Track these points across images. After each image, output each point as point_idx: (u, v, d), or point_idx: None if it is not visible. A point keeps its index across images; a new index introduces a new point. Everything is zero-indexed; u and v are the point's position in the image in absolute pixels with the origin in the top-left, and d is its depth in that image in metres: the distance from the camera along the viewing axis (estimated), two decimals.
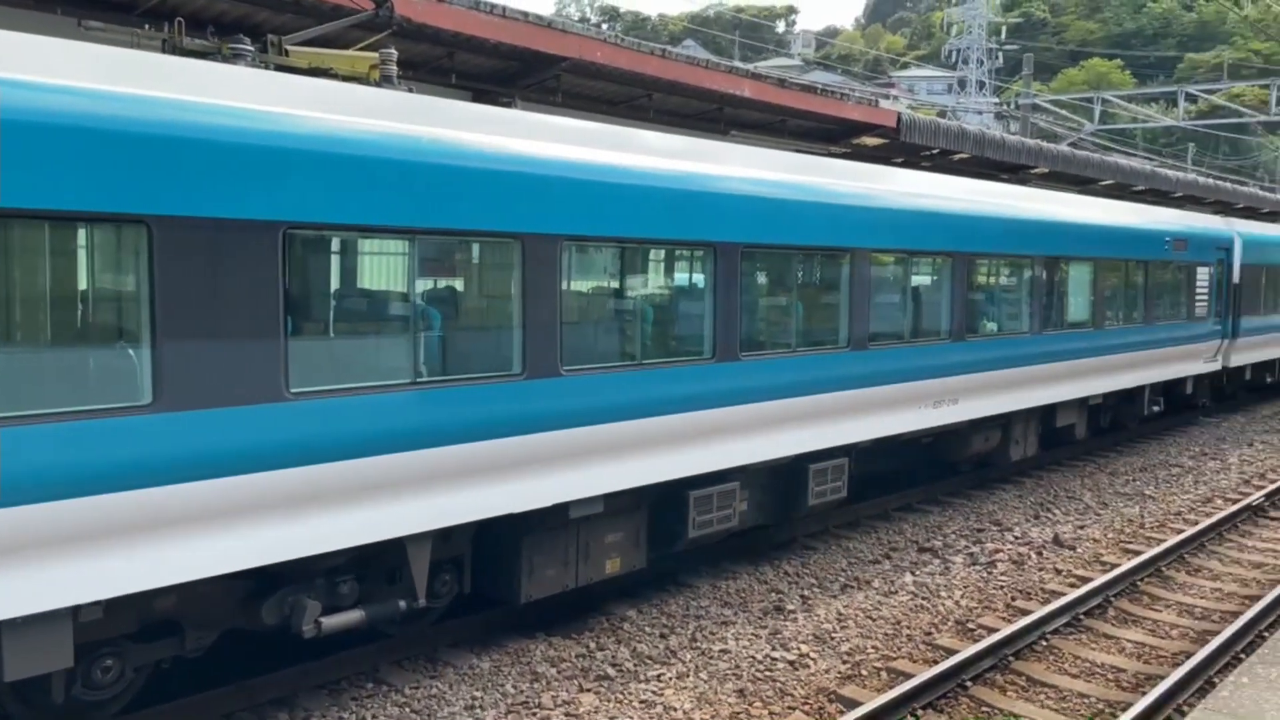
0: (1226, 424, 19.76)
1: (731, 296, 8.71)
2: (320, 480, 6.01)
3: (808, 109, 14.83)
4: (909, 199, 11.01)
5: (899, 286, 11.32)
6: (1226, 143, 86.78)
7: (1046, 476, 14.71)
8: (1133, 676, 7.68)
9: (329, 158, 5.98)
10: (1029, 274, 13.15)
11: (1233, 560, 10.87)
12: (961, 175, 15.48)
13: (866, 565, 10.29)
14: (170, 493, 5.42)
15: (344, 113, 6.19)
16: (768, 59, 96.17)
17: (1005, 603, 9.29)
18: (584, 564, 8.08)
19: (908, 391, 10.99)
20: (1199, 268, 17.63)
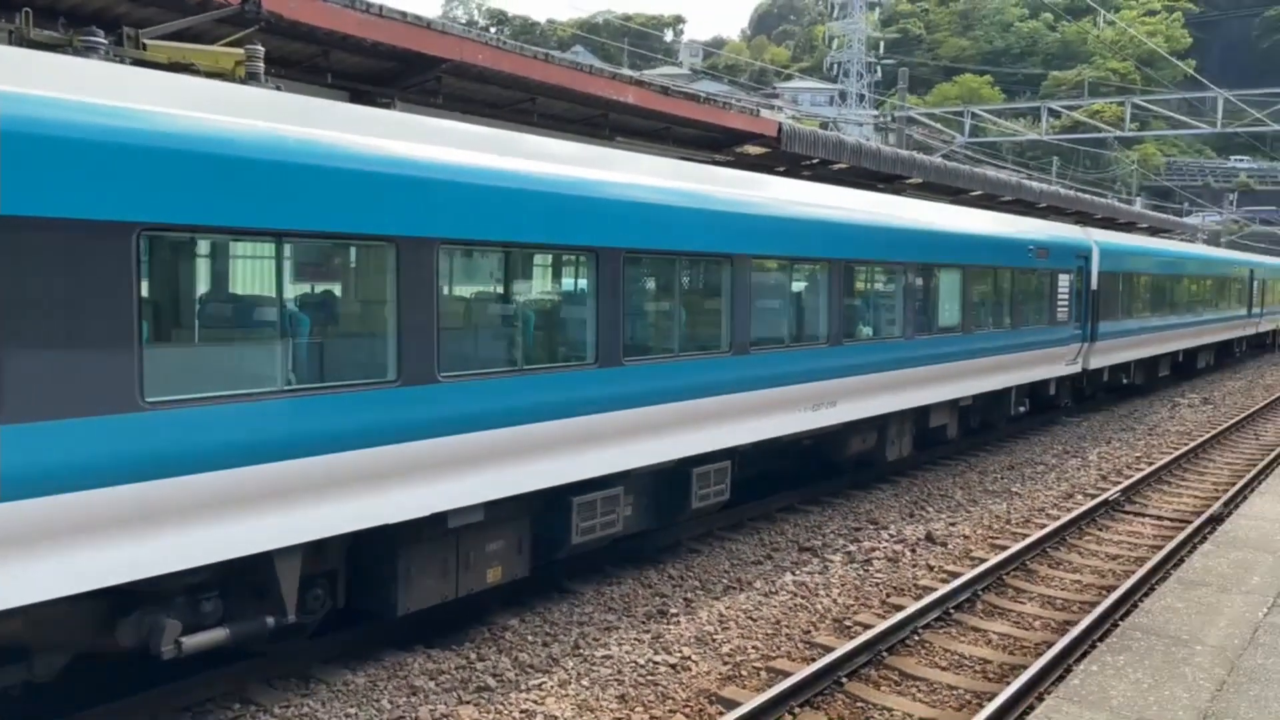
0: (1087, 423, 20.82)
1: (614, 302, 8.71)
2: (179, 494, 5.74)
3: (691, 117, 14.99)
4: (789, 207, 11.24)
5: (779, 292, 11.56)
6: (1087, 156, 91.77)
7: (921, 476, 15.21)
8: (998, 667, 7.99)
9: (186, 156, 5.72)
10: (903, 280, 13.59)
11: (1091, 553, 11.45)
12: (840, 184, 15.92)
13: (749, 566, 10.44)
14: (12, 509, 5.09)
15: (204, 110, 5.94)
16: (656, 67, 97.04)
17: (881, 599, 9.56)
18: (464, 574, 7.94)
19: (788, 395, 11.20)
20: (1060, 274, 18.55)
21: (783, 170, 18.37)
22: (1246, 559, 8.60)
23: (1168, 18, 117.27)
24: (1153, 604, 7.31)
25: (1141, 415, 22.15)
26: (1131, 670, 5.96)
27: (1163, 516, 13.11)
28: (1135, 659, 6.15)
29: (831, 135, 18.90)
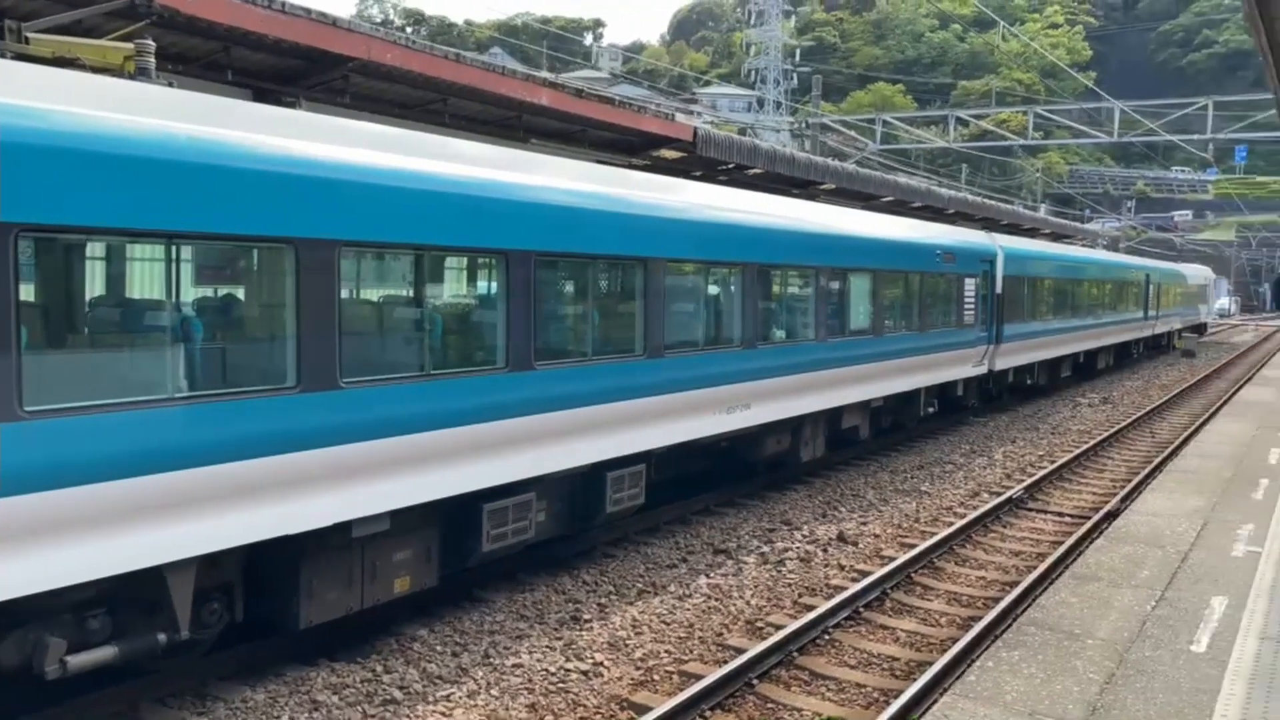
0: (993, 423, 21.41)
1: (525, 305, 8.62)
2: (60, 506, 5.46)
3: (607, 120, 14.95)
4: (704, 211, 11.30)
5: (694, 295, 11.60)
6: (995, 164, 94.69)
7: (834, 476, 15.44)
8: (905, 665, 8.13)
9: (67, 154, 5.46)
10: (816, 284, 13.77)
11: (995, 549, 11.75)
12: (756, 190, 16.07)
13: (663, 570, 10.44)
14: None
15: (87, 106, 5.68)
16: (575, 70, 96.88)
17: (793, 600, 9.65)
18: (370, 584, 7.75)
19: (703, 398, 11.25)
20: (966, 278, 19.05)
21: (699, 175, 18.46)
22: (1137, 554, 8.93)
23: (1070, 31, 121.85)
24: (1048, 599, 7.53)
25: (1045, 415, 22.86)
26: (1026, 665, 6.11)
27: (1063, 513, 13.53)
28: (1030, 654, 6.32)
29: (746, 141, 19.10)
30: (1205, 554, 8.87)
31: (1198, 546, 9.10)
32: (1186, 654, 6.34)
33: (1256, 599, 7.44)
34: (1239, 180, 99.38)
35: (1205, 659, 6.26)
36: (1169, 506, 10.85)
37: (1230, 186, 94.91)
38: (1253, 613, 7.14)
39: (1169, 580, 8.02)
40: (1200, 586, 7.85)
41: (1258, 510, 10.53)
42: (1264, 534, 9.48)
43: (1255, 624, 6.88)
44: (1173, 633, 6.75)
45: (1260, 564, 8.46)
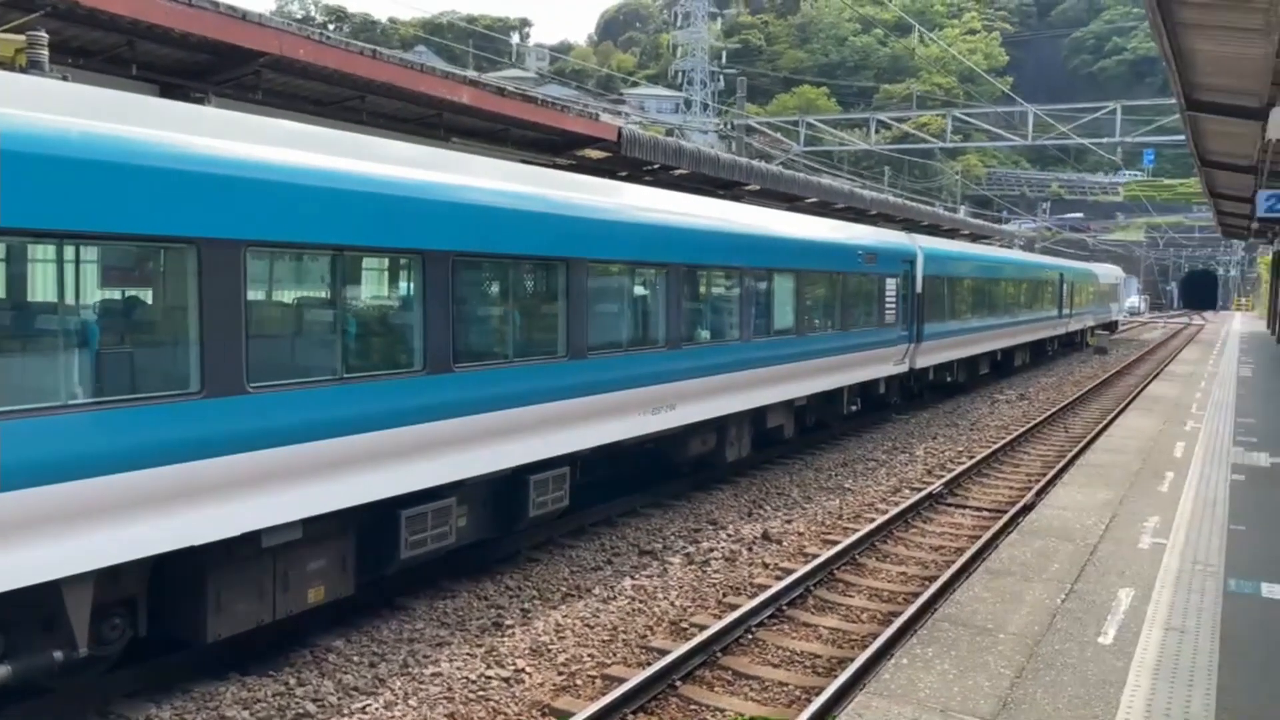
0: (914, 420, 21.81)
1: (443, 306, 8.47)
2: None
3: (530, 119, 14.79)
4: (627, 211, 11.25)
5: (618, 296, 11.56)
6: (916, 166, 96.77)
7: (759, 475, 15.54)
8: (827, 661, 8.19)
9: None
10: (740, 284, 13.84)
11: (915, 544, 11.94)
12: (681, 190, 16.09)
13: (588, 573, 10.36)
14: None
15: None
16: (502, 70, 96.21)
17: (717, 599, 9.65)
18: (282, 595, 7.52)
19: (627, 399, 11.20)
20: (888, 278, 19.36)
21: (624, 175, 18.42)
22: (1048, 548, 9.11)
23: (987, 37, 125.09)
24: (963, 595, 7.64)
25: (964, 411, 23.36)
26: (939, 661, 6.19)
27: (981, 508, 13.82)
28: (943, 650, 6.40)
29: (671, 141, 19.11)
30: (1113, 546, 9.10)
31: (1106, 539, 9.34)
32: (1094, 646, 6.47)
33: (1161, 590, 7.65)
34: (1147, 183, 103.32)
35: (1112, 651, 6.40)
36: (1080, 500, 11.14)
37: (1139, 189, 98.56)
38: (1157, 603, 7.33)
39: (1078, 573, 8.20)
40: (1108, 579, 8.04)
41: (1163, 503, 10.86)
42: (1169, 526, 9.76)
43: (1160, 615, 7.05)
44: (1081, 625, 6.89)
45: (1165, 555, 8.71)
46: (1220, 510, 10.30)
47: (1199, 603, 7.34)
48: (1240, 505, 10.55)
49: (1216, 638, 6.58)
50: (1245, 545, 9.03)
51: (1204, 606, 7.23)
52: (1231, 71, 12.49)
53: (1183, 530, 9.55)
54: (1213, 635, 6.61)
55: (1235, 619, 7.02)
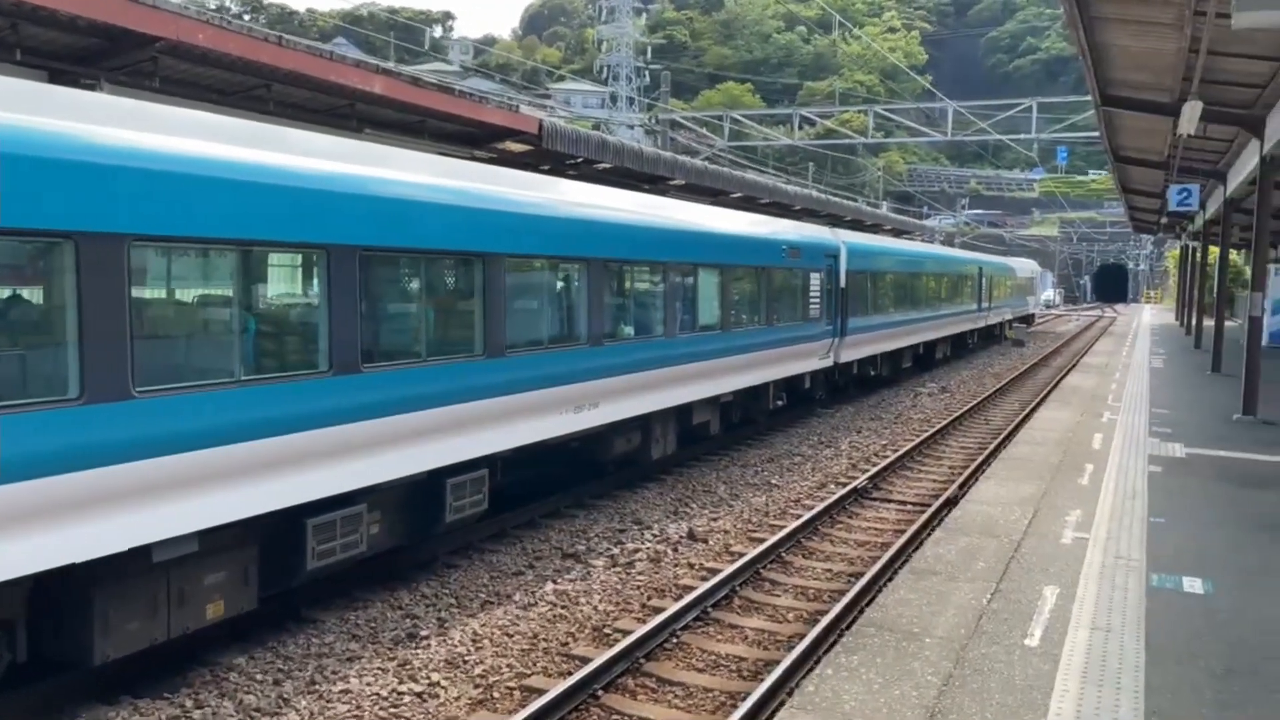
0: (839, 414, 21.91)
1: (350, 304, 8.06)
2: None
3: (448, 110, 14.37)
4: (546, 205, 10.94)
5: (537, 292, 11.23)
6: (840, 163, 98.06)
7: (686, 472, 15.37)
8: (753, 664, 8.02)
9: None
10: (664, 280, 13.63)
11: (841, 540, 11.88)
12: (607, 185, 15.84)
13: (509, 578, 10.04)
14: None
15: None
16: (425, 63, 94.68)
17: (642, 603, 9.42)
18: (177, 612, 7.06)
19: (548, 398, 10.90)
20: (812, 273, 19.37)
21: (548, 169, 18.10)
22: (973, 545, 9.07)
23: (907, 35, 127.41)
24: (887, 597, 7.52)
25: (888, 405, 23.57)
26: (864, 670, 6.02)
27: (906, 501, 13.86)
28: (868, 658, 6.23)
29: (595, 135, 18.81)
30: (1037, 542, 9.12)
31: (1030, 535, 9.36)
32: (1021, 649, 6.39)
33: (1086, 587, 7.64)
34: (1062, 179, 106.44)
35: (1039, 653, 6.32)
36: (1002, 494, 11.19)
37: (1054, 185, 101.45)
38: (1082, 601, 7.31)
39: (1003, 571, 8.17)
40: (1033, 576, 8.01)
41: (1084, 495, 10.96)
42: (1090, 520, 9.82)
43: (1085, 614, 7.02)
44: (1007, 627, 6.81)
45: (1088, 551, 8.74)
46: (1140, 503, 10.43)
47: (1123, 600, 7.34)
48: (1158, 497, 10.71)
49: (1142, 637, 6.55)
50: (1165, 538, 9.12)
51: (1128, 604, 7.23)
52: (1145, 67, 12.70)
53: (1104, 524, 9.62)
54: (1138, 634, 6.58)
55: (1159, 615, 7.02)
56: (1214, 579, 7.87)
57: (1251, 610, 7.15)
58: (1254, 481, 11.73)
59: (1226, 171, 21.82)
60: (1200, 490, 11.18)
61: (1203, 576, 7.93)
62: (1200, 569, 8.17)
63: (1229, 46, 11.22)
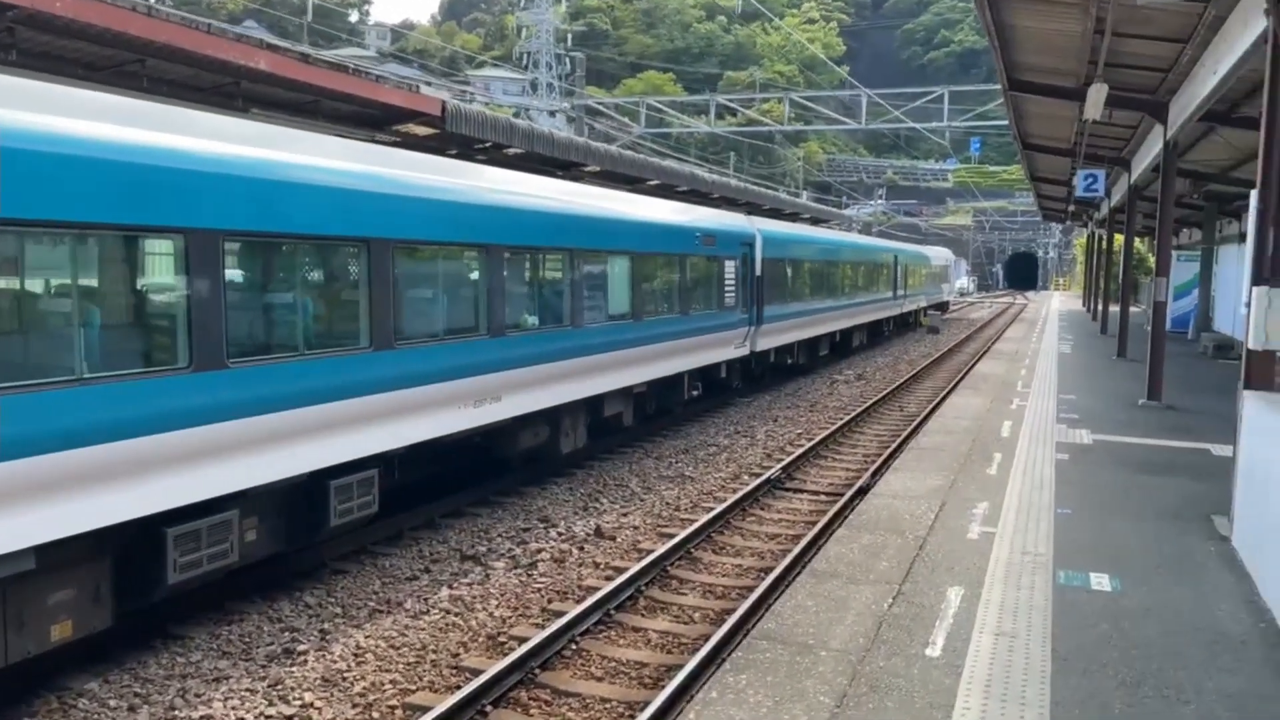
0: (756, 403, 21.71)
1: (213, 294, 7.41)
2: None
3: (342, 90, 13.63)
4: (442, 188, 10.36)
5: (431, 281, 10.65)
6: (761, 153, 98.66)
7: (598, 466, 14.93)
8: (654, 670, 7.63)
9: None
10: (571, 267, 13.14)
11: (753, 534, 11.58)
12: (520, 171, 15.28)
13: (402, 584, 9.48)
14: None
15: None
16: (340, 48, 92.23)
17: (542, 607, 8.96)
18: (16, 635, 6.37)
19: (445, 392, 10.35)
20: (727, 261, 19.09)
21: (455, 154, 17.44)
22: (877, 543, 8.75)
23: (825, 27, 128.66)
24: (784, 604, 7.10)
25: (805, 393, 23.48)
26: (753, 691, 5.55)
27: (819, 491, 13.65)
28: (758, 676, 5.78)
29: (502, 118, 18.18)
30: (942, 538, 8.79)
31: (936, 530, 9.14)
32: (922, 660, 6.02)
33: (991, 588, 7.36)
34: (975, 170, 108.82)
35: (940, 665, 5.97)
36: (910, 486, 10.99)
37: (967, 175, 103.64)
38: (987, 604, 7.01)
39: (906, 571, 7.86)
40: (937, 576, 7.72)
41: (992, 486, 10.80)
42: (998, 512, 9.63)
43: (990, 618, 6.72)
44: (908, 635, 6.46)
45: (994, 546, 8.42)
46: (1047, 493, 10.31)
47: (1029, 600, 7.07)
48: (1065, 487, 10.61)
49: (1048, 643, 6.26)
50: (1072, 530, 8.96)
51: (1034, 605, 6.96)
52: (1052, 49, 12.65)
53: (1011, 516, 9.44)
54: (1044, 640, 6.29)
55: (1066, 617, 6.76)
56: (1121, 575, 7.68)
57: (1159, 609, 6.95)
58: (1158, 468, 11.76)
59: (1131, 159, 22.20)
60: (1106, 479, 11.13)
61: (1110, 572, 7.72)
62: (1107, 564, 7.98)
63: (1132, 28, 11.19)
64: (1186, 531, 8.98)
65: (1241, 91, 13.14)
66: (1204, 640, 6.36)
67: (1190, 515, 9.53)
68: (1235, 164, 20.06)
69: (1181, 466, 11.76)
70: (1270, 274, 7.61)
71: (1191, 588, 7.42)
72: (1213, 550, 8.39)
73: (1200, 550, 8.40)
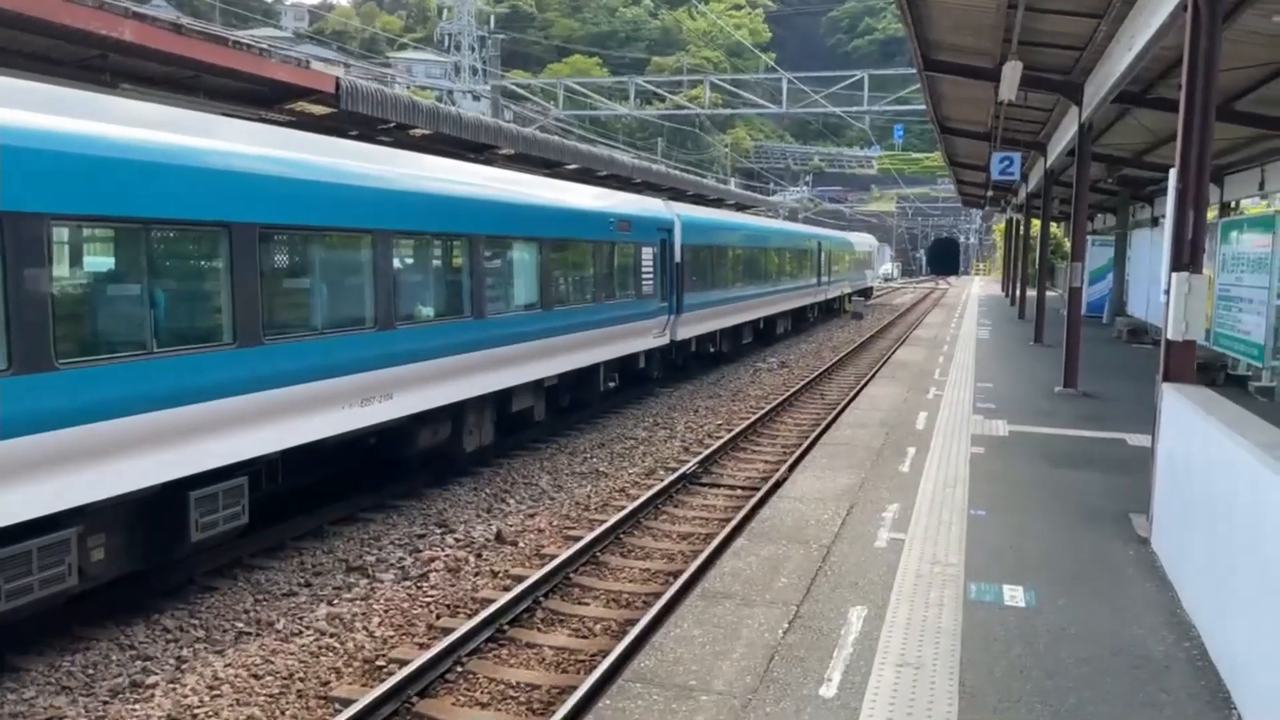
0: (678, 393, 21.18)
1: (36, 284, 6.54)
2: None
3: (222, 64, 12.64)
4: (318, 168, 9.53)
5: (307, 270, 9.80)
6: (690, 140, 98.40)
7: (507, 463, 14.23)
8: (546, 693, 7.00)
9: None
10: (471, 255, 12.38)
11: (663, 534, 11.03)
12: (433, 155, 14.43)
13: (277, 601, 8.69)
14: None
15: None
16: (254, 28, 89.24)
17: (429, 624, 8.26)
18: None
19: (323, 391, 9.55)
20: (644, 248, 18.49)
21: (357, 135, 16.51)
22: (778, 555, 8.02)
23: (751, 13, 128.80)
24: (666, 635, 6.41)
25: (727, 382, 23.05)
26: None
27: (735, 486, 13.16)
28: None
29: (404, 96, 17.23)
30: (848, 547, 8.16)
31: (842, 538, 8.42)
32: (814, 702, 5.30)
33: (896, 607, 6.72)
34: (898, 157, 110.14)
35: (834, 707, 5.25)
36: (819, 487, 10.39)
37: (890, 163, 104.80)
38: (891, 626, 6.36)
39: (807, 588, 7.18)
40: (839, 594, 7.05)
41: (904, 485, 10.28)
42: (909, 515, 9.03)
43: (893, 645, 6.06)
44: (802, 670, 5.74)
45: (903, 556, 7.86)
46: (960, 492, 9.84)
47: (937, 621, 6.45)
48: (980, 484, 10.17)
49: (956, 673, 5.65)
50: (986, 534, 8.41)
51: (943, 627, 6.35)
52: (966, 26, 12.28)
53: (922, 520, 8.91)
54: (951, 672, 5.65)
55: (977, 640, 6.14)
56: (1036, 586, 7.12)
57: (1077, 628, 6.39)
58: (1075, 460, 11.41)
59: (1047, 143, 22.18)
60: (1022, 474, 10.71)
61: (1025, 584, 7.16)
62: (1022, 573, 7.43)
63: (1047, 2, 10.85)
64: (1104, 533, 8.53)
65: (1156, 71, 12.97)
66: (1125, 666, 5.82)
67: (1108, 514, 9.13)
68: (1149, 147, 20.12)
69: (1098, 459, 11.46)
70: (1190, 259, 7.22)
71: (1110, 601, 6.91)
72: (1132, 555, 7.93)
73: (1119, 555, 7.96)
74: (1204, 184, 7.14)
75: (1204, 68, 7.21)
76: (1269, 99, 13.20)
